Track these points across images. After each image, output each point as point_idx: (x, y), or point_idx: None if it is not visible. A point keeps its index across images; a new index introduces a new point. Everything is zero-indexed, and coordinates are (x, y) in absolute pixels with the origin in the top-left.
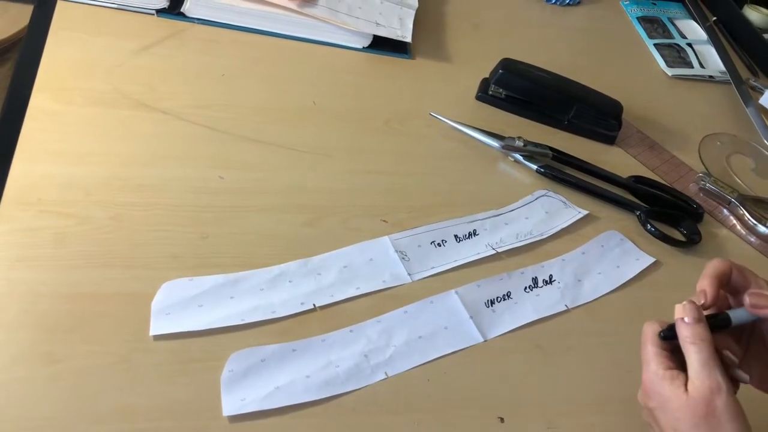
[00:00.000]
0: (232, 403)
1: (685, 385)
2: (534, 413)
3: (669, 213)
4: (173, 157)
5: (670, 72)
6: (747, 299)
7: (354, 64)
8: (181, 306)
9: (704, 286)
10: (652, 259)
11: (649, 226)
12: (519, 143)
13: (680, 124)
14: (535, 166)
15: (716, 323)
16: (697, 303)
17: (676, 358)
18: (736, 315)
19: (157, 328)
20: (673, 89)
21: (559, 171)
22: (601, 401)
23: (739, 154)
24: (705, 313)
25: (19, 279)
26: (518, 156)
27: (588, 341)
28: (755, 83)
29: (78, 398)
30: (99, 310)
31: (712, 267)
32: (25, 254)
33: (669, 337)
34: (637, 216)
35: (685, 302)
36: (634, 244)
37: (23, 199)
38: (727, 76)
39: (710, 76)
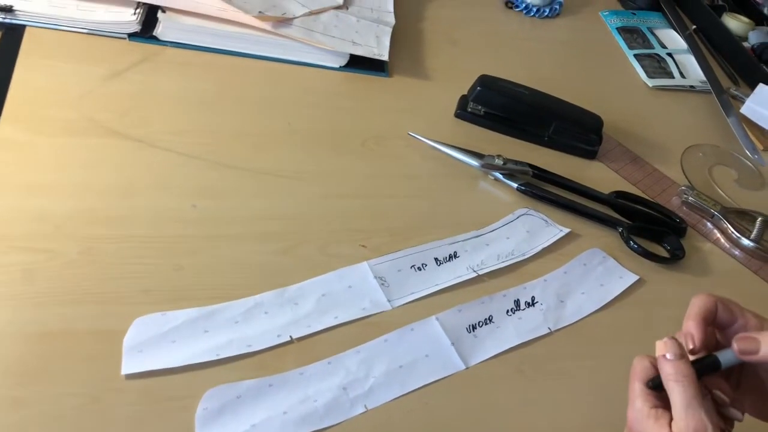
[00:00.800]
0: None
1: (670, 425)
2: None
3: (651, 229)
4: (145, 187)
5: (650, 83)
6: (735, 345)
7: (330, 83)
8: (153, 342)
9: (690, 328)
10: (635, 277)
11: (631, 243)
12: (499, 161)
13: (662, 136)
14: (515, 185)
15: (704, 367)
16: (685, 347)
17: (664, 396)
18: (725, 357)
19: (129, 366)
20: (654, 100)
21: (540, 189)
22: (586, 428)
23: (721, 165)
24: (692, 357)
25: None
26: (498, 174)
27: (572, 365)
28: (736, 92)
29: None
30: (68, 350)
31: (696, 306)
32: None
33: (657, 386)
34: (620, 233)
35: (665, 338)
36: (617, 261)
37: None
38: (708, 86)
39: (691, 86)
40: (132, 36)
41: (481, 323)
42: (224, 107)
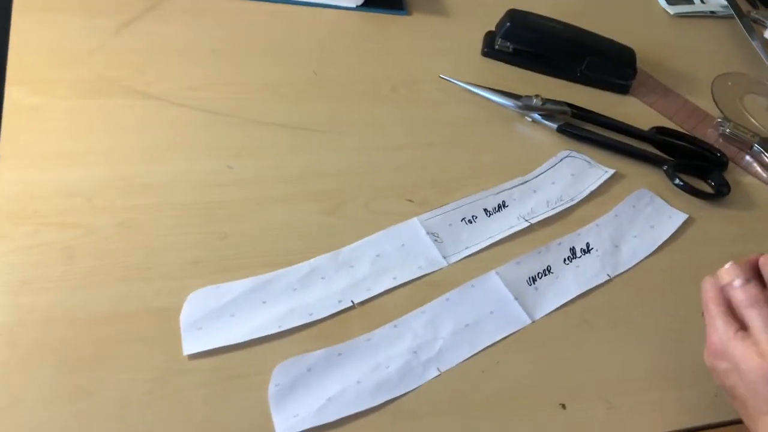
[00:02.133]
0: (284, 421)
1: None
2: (593, 395)
3: (695, 165)
4: (175, 149)
5: (671, 10)
6: None
7: (349, 25)
8: (212, 318)
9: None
10: (684, 216)
11: (677, 181)
12: (537, 102)
13: (688, 65)
14: (555, 125)
15: None
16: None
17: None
18: None
19: (190, 346)
20: (677, 28)
21: (581, 129)
22: (654, 376)
23: (751, 94)
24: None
25: (29, 305)
26: (536, 116)
27: (634, 312)
28: (756, 16)
29: None
30: (123, 332)
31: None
32: (30, 276)
33: None
34: (664, 170)
35: (727, 265)
36: (665, 200)
37: (18, 212)
38: (729, 10)
39: (712, 12)
40: None
41: (540, 274)
42: (243, 57)
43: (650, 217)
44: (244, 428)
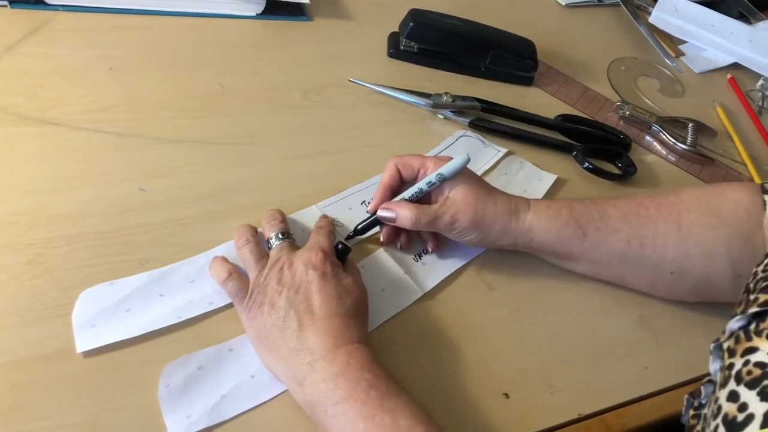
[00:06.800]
0: (177, 423)
1: None
2: (533, 381)
3: (602, 148)
4: (81, 176)
5: (563, 1)
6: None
7: (251, 34)
8: (106, 314)
9: (375, 195)
10: (554, 176)
11: (586, 164)
12: (447, 99)
13: (584, 53)
14: (466, 121)
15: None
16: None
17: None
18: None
19: (83, 343)
20: (569, 18)
21: (491, 122)
22: (594, 354)
23: (644, 76)
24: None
25: None
26: (448, 113)
27: (566, 294)
28: (639, 2)
29: None
30: (44, 375)
31: (384, 176)
32: None
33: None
34: (574, 156)
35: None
36: (535, 165)
37: None
38: None
39: (600, 1)
40: (14, 3)
41: (425, 250)
42: (144, 75)
43: (522, 182)
44: None
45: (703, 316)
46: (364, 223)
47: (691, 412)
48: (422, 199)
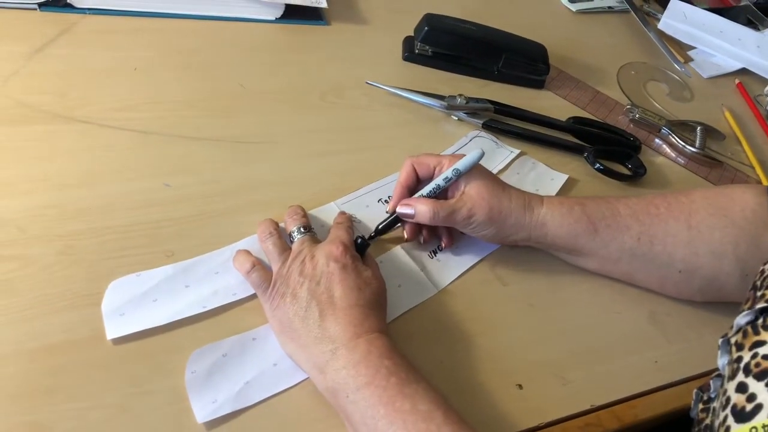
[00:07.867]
0: (203, 408)
1: None
2: (546, 373)
3: (612, 150)
4: (108, 171)
5: (573, 7)
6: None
7: (270, 37)
8: (134, 303)
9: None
10: (565, 176)
11: (597, 165)
12: (461, 101)
13: (594, 58)
14: (480, 122)
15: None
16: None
17: None
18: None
19: (113, 331)
20: (579, 24)
21: (504, 123)
22: (605, 348)
23: (653, 81)
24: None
25: None
26: (462, 114)
27: (577, 289)
28: (649, 9)
29: None
30: (76, 359)
31: (401, 176)
32: None
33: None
34: (585, 157)
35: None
36: (547, 165)
37: None
38: (625, 5)
39: (609, 7)
40: (43, 6)
41: (440, 247)
42: (167, 75)
43: (535, 182)
44: None
45: (711, 314)
46: (384, 223)
47: (701, 405)
48: (439, 195)
